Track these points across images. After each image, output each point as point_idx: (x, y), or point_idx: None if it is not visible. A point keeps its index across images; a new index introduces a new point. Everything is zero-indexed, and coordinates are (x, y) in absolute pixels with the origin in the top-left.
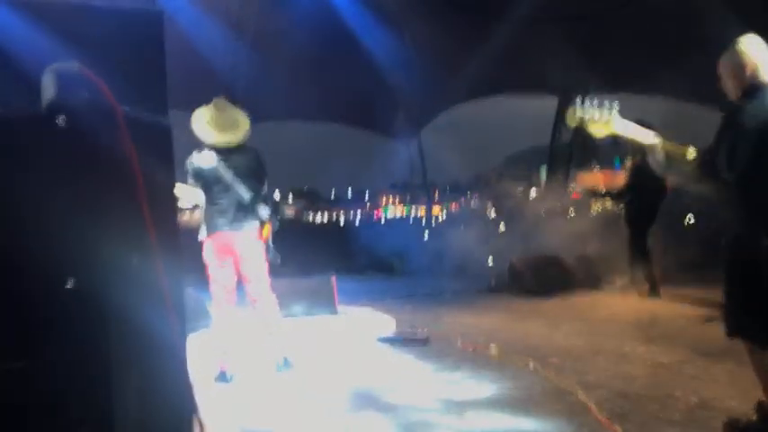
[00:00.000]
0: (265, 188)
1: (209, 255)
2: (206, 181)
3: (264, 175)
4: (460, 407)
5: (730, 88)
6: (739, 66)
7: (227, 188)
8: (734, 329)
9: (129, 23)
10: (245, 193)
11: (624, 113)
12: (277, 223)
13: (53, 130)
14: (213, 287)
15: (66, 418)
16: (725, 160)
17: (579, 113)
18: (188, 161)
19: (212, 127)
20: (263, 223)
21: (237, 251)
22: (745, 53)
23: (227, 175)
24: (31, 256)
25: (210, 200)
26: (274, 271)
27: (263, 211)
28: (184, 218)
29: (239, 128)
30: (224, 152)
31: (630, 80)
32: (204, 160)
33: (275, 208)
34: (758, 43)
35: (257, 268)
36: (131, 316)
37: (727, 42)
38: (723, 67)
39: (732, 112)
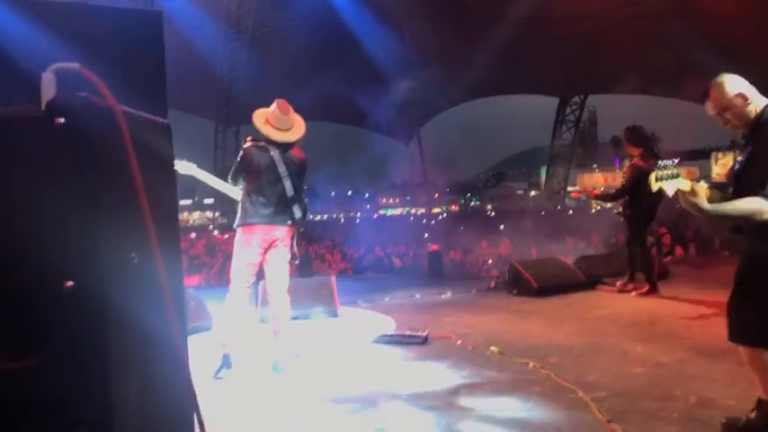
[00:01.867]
0: (302, 190)
1: (241, 244)
2: (257, 170)
3: (304, 179)
4: (460, 406)
5: (732, 120)
6: (735, 97)
7: (275, 181)
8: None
9: (128, 24)
10: (289, 190)
11: (623, 114)
12: (302, 226)
13: (53, 130)
14: (234, 276)
15: (65, 419)
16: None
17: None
18: (245, 150)
19: (271, 125)
20: (293, 223)
21: (270, 246)
22: (735, 87)
23: (281, 168)
24: (30, 255)
25: (255, 190)
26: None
27: (297, 212)
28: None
29: (296, 129)
30: (280, 147)
31: (630, 81)
32: (264, 153)
33: (305, 210)
34: (725, 82)
35: (282, 266)
36: (131, 316)
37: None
38: (718, 105)
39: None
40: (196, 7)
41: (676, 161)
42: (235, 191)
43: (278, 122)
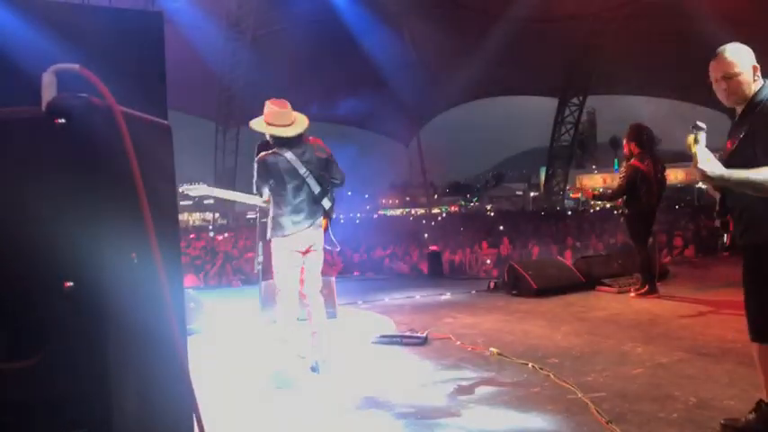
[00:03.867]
0: (339, 178)
1: (280, 251)
2: (281, 179)
3: (334, 164)
4: (460, 407)
5: (729, 89)
6: (750, 69)
7: (301, 185)
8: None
9: (129, 24)
10: (315, 188)
11: (622, 115)
12: (333, 212)
13: (53, 131)
14: (280, 282)
15: (64, 419)
16: None
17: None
18: (259, 160)
19: (272, 124)
20: (325, 215)
21: (308, 249)
22: (753, 58)
23: (301, 168)
24: (30, 256)
25: (284, 200)
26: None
27: (327, 203)
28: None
29: (299, 123)
30: (293, 146)
31: (629, 81)
32: (278, 157)
33: (333, 198)
34: (743, 48)
35: (317, 265)
36: (131, 316)
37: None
38: (729, 69)
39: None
40: (196, 7)
41: (702, 124)
42: (254, 198)
43: (278, 119)
